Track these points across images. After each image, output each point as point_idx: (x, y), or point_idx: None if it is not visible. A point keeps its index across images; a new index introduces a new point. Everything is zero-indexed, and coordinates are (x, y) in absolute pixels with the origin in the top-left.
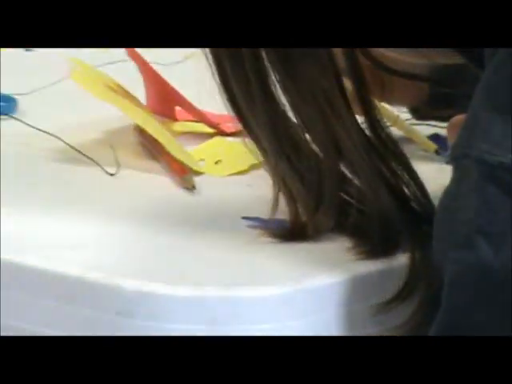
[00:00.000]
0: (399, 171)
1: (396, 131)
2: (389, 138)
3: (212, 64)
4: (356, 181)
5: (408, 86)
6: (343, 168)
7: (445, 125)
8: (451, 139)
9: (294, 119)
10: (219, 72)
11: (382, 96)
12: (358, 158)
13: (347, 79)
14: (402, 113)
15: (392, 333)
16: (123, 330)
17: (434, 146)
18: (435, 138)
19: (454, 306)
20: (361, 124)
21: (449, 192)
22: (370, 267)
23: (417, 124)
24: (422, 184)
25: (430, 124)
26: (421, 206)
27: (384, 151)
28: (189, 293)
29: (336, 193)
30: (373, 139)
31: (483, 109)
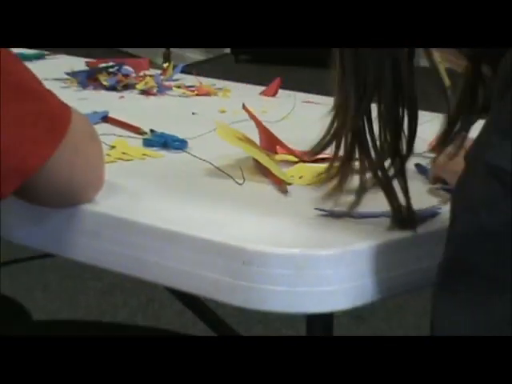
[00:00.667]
0: None
1: None
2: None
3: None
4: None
5: None
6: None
7: None
8: (433, 171)
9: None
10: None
11: None
12: None
13: None
14: None
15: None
16: (246, 274)
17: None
18: (418, 167)
19: (458, 253)
20: None
21: (463, 179)
22: (404, 234)
23: None
24: None
25: None
26: None
27: None
28: (283, 251)
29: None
30: None
31: (492, 131)
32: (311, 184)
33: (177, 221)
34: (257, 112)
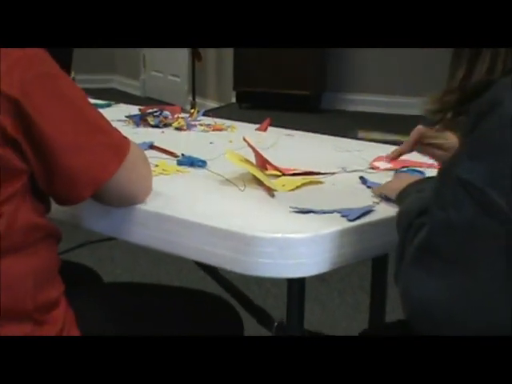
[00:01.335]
0: None
1: None
2: None
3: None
4: None
5: None
6: None
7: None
8: (379, 189)
9: None
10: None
11: None
12: None
13: None
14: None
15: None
16: (245, 251)
17: None
18: (361, 178)
19: (432, 233)
20: None
21: (437, 186)
22: (358, 223)
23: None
24: None
25: None
26: None
27: None
28: (273, 235)
29: None
30: None
31: (463, 155)
32: (291, 190)
33: (199, 214)
34: (253, 142)
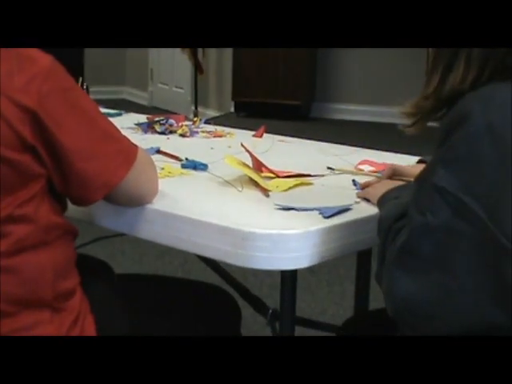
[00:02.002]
0: None
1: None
2: None
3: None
4: None
5: None
6: None
7: None
8: (362, 194)
9: None
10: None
11: None
12: None
13: None
14: None
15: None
16: (243, 246)
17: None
18: (353, 181)
19: (411, 236)
20: None
21: (415, 193)
22: (336, 222)
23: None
24: None
25: None
26: None
27: None
28: (265, 231)
29: None
30: None
31: (436, 163)
32: (284, 191)
33: (201, 212)
34: (250, 147)
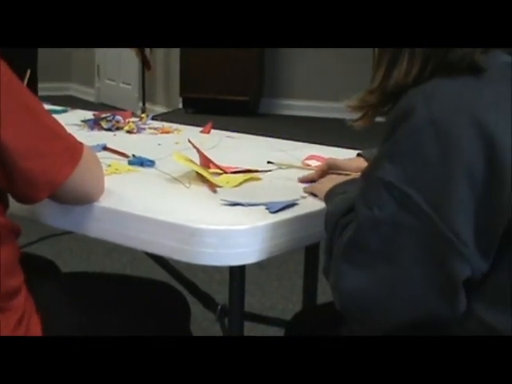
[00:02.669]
0: None
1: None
2: None
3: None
4: None
5: None
6: None
7: None
8: (309, 189)
9: None
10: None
11: None
12: None
13: None
14: None
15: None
16: (191, 242)
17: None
18: (299, 177)
19: (359, 230)
20: None
21: (362, 187)
22: (282, 217)
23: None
24: None
25: None
26: None
27: None
28: (215, 227)
29: None
30: None
31: (382, 157)
32: (235, 186)
33: (148, 209)
34: (198, 143)
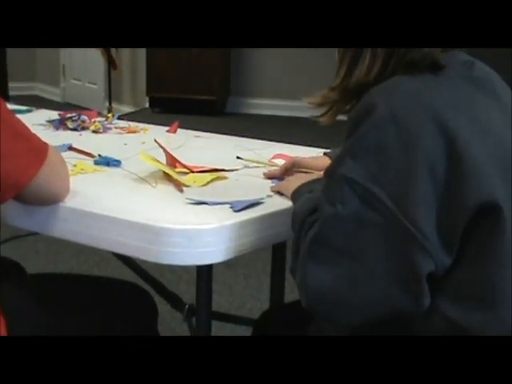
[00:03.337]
0: None
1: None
2: None
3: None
4: None
5: None
6: None
7: None
8: (275, 188)
9: None
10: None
11: None
12: None
13: None
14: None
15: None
16: (157, 241)
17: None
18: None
19: (323, 227)
20: None
21: (324, 186)
22: (246, 217)
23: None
24: None
25: None
26: None
27: None
28: (181, 227)
29: None
30: None
31: (345, 155)
32: (202, 186)
33: (114, 209)
34: (164, 143)
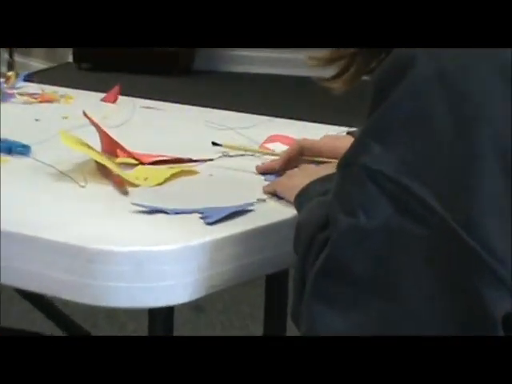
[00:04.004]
0: None
1: None
2: None
3: None
4: None
5: None
6: None
7: None
8: (268, 189)
9: None
10: None
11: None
12: None
13: None
14: None
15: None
16: (90, 272)
17: None
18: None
19: (338, 247)
20: None
21: (338, 184)
22: (226, 233)
23: None
24: None
25: None
26: None
27: None
28: (125, 249)
29: None
30: None
31: (368, 137)
32: (159, 185)
33: (21, 223)
34: (98, 118)
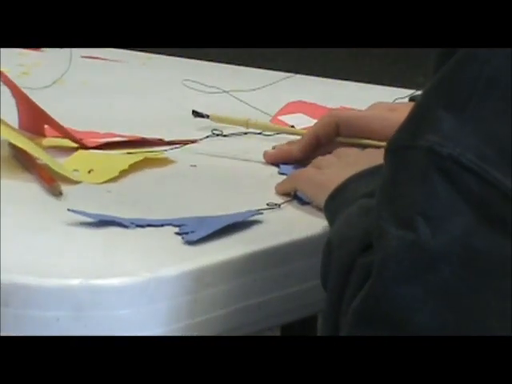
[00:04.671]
0: None
1: None
2: None
3: None
4: None
5: None
6: None
7: None
8: (282, 187)
9: None
10: None
11: None
12: None
13: None
14: None
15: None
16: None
17: None
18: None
19: (385, 277)
20: None
21: (387, 179)
22: (217, 257)
23: None
24: None
25: None
26: None
27: None
28: (56, 284)
29: None
30: None
31: (433, 106)
32: (108, 181)
33: None
34: (14, 74)
